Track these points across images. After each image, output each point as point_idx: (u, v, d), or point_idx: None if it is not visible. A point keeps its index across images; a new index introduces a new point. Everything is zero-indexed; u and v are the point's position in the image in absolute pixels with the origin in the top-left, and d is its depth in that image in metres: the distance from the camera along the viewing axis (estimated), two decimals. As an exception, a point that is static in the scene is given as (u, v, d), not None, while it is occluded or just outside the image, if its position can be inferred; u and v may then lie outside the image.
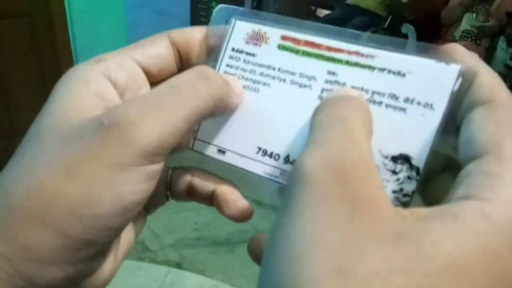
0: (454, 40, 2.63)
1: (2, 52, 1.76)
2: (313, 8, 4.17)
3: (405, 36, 2.87)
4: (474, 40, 2.45)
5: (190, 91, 0.17)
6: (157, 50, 0.20)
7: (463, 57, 0.17)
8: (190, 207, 1.49)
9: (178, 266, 1.41)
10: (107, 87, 0.18)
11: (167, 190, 0.22)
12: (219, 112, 0.19)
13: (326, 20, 3.45)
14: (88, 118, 0.16)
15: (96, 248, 0.16)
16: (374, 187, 0.13)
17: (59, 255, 0.15)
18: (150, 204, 0.22)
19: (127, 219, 0.17)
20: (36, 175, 0.15)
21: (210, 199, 0.21)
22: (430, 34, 2.96)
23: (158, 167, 0.17)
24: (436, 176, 0.18)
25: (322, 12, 4.07)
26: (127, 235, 0.20)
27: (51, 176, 0.15)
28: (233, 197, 0.21)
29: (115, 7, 2.02)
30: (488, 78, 0.16)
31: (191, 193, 0.22)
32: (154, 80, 0.21)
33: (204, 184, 0.21)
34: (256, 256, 0.21)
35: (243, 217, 0.21)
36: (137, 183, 0.16)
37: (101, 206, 0.15)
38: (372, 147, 0.17)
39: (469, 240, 0.12)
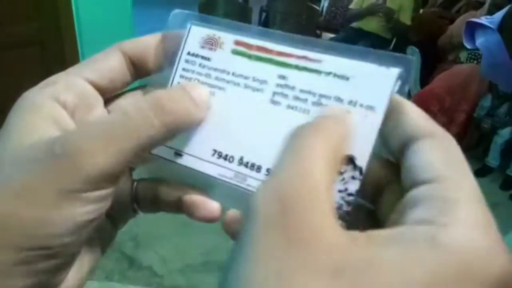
0: (460, 62, 2.64)
1: (14, 81, 1.80)
2: (318, 32, 4.24)
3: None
4: (480, 62, 2.45)
5: (142, 121, 0.17)
6: (106, 64, 0.21)
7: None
8: (198, 231, 1.48)
9: (186, 291, 1.40)
10: (57, 110, 0.18)
11: (134, 203, 0.23)
12: (179, 132, 0.19)
13: (331, 43, 3.50)
14: (42, 142, 0.17)
15: (55, 261, 0.17)
16: (319, 216, 0.13)
17: (18, 269, 0.16)
18: (118, 218, 0.23)
19: (83, 235, 0.17)
20: None
21: (178, 206, 0.21)
22: (436, 56, 2.97)
23: (108, 191, 0.17)
24: (383, 190, 0.18)
25: (327, 36, 4.14)
26: (92, 249, 0.21)
27: (5, 201, 0.16)
28: (202, 199, 0.21)
29: (125, 34, 2.07)
30: (418, 112, 0.17)
31: (158, 203, 0.22)
32: (108, 93, 0.21)
33: (170, 192, 0.21)
34: (233, 234, 0.21)
35: (214, 217, 0.21)
36: (87, 206, 0.17)
37: (53, 227, 0.16)
38: None
39: (418, 269, 0.12)
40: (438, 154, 0.15)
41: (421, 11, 3.56)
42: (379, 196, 0.18)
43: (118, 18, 1.98)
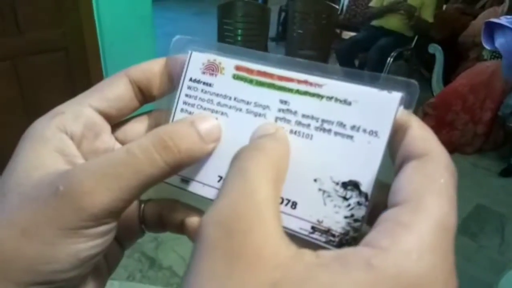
0: (483, 59, 2.57)
1: (40, 84, 1.85)
2: (338, 31, 4.20)
3: (433, 56, 2.84)
4: (504, 58, 2.38)
5: (146, 160, 0.17)
6: (114, 92, 0.21)
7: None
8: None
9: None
10: (65, 141, 0.19)
11: (141, 223, 0.23)
12: (184, 168, 0.19)
13: (352, 42, 3.45)
14: (47, 178, 0.17)
15: None
16: (261, 236, 0.14)
17: None
18: (126, 240, 0.23)
19: (87, 268, 0.18)
20: None
21: (181, 228, 0.21)
22: (459, 54, 2.90)
23: (111, 225, 0.18)
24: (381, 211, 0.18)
25: (347, 34, 4.09)
26: (98, 273, 0.21)
27: (10, 237, 0.16)
28: None
29: (145, 37, 2.10)
30: (419, 131, 0.16)
31: (164, 225, 0.22)
32: (115, 120, 0.21)
33: (173, 215, 0.22)
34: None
35: None
36: (90, 241, 0.17)
37: (57, 263, 0.16)
38: (323, 175, 0.18)
39: None
40: (415, 176, 0.15)
41: (444, 7, 3.48)
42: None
43: (138, 24, 2.01)
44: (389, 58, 3.07)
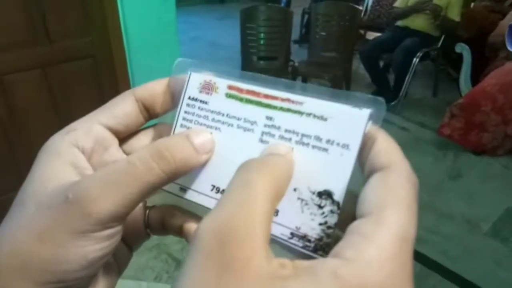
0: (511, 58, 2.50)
1: (69, 91, 1.92)
2: (362, 31, 4.16)
3: (460, 56, 2.77)
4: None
5: (145, 169, 0.19)
6: (121, 110, 0.23)
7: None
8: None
9: None
10: (77, 155, 0.21)
11: (147, 228, 0.25)
12: (180, 176, 0.20)
13: (376, 43, 3.41)
14: (59, 188, 0.19)
15: None
16: (250, 250, 0.15)
17: None
18: (133, 242, 0.25)
19: (95, 269, 0.19)
20: (17, 239, 0.18)
21: (181, 233, 0.23)
22: (486, 53, 2.82)
23: (116, 229, 0.19)
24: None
25: (372, 35, 4.05)
26: (108, 272, 0.23)
27: (28, 241, 0.18)
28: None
29: (169, 43, 2.14)
30: (384, 144, 0.18)
31: (165, 229, 0.24)
32: (123, 135, 0.23)
33: (173, 220, 0.23)
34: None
35: None
36: (97, 244, 0.18)
37: (68, 264, 0.18)
38: (302, 184, 0.19)
39: None
40: (378, 189, 0.17)
41: (471, 5, 3.40)
42: None
43: (163, 30, 2.05)
44: (415, 59, 3.02)
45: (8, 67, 1.74)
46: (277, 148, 0.19)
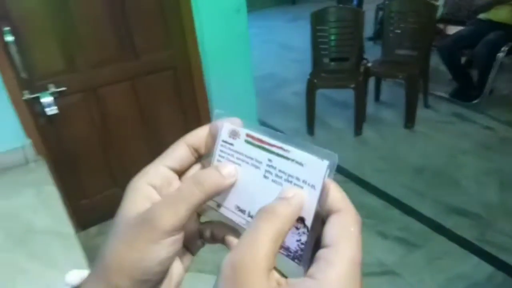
0: None
1: (154, 99, 2.09)
2: (441, 26, 3.94)
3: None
4: None
5: (189, 193, 0.26)
6: (178, 154, 0.30)
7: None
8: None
9: None
10: (150, 190, 0.28)
11: (201, 238, 0.32)
12: (216, 195, 0.28)
13: (455, 38, 3.23)
14: (139, 213, 0.26)
15: (152, 283, 0.27)
16: (257, 279, 0.21)
17: None
18: (192, 249, 0.33)
19: (166, 266, 0.27)
20: (115, 248, 0.26)
21: (224, 243, 0.30)
22: None
23: (177, 237, 0.26)
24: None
25: (452, 29, 3.81)
26: (177, 272, 0.30)
27: (121, 249, 0.26)
28: (231, 239, 0.30)
29: (242, 52, 2.18)
30: (337, 193, 0.25)
31: (214, 239, 0.31)
32: (181, 171, 0.31)
33: (219, 233, 0.31)
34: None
35: None
36: (166, 248, 0.26)
37: (148, 262, 0.25)
38: None
39: None
40: (335, 226, 0.24)
41: None
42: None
43: (236, 41, 2.13)
44: (499, 53, 2.82)
45: (102, 81, 1.96)
46: (286, 192, 0.26)
